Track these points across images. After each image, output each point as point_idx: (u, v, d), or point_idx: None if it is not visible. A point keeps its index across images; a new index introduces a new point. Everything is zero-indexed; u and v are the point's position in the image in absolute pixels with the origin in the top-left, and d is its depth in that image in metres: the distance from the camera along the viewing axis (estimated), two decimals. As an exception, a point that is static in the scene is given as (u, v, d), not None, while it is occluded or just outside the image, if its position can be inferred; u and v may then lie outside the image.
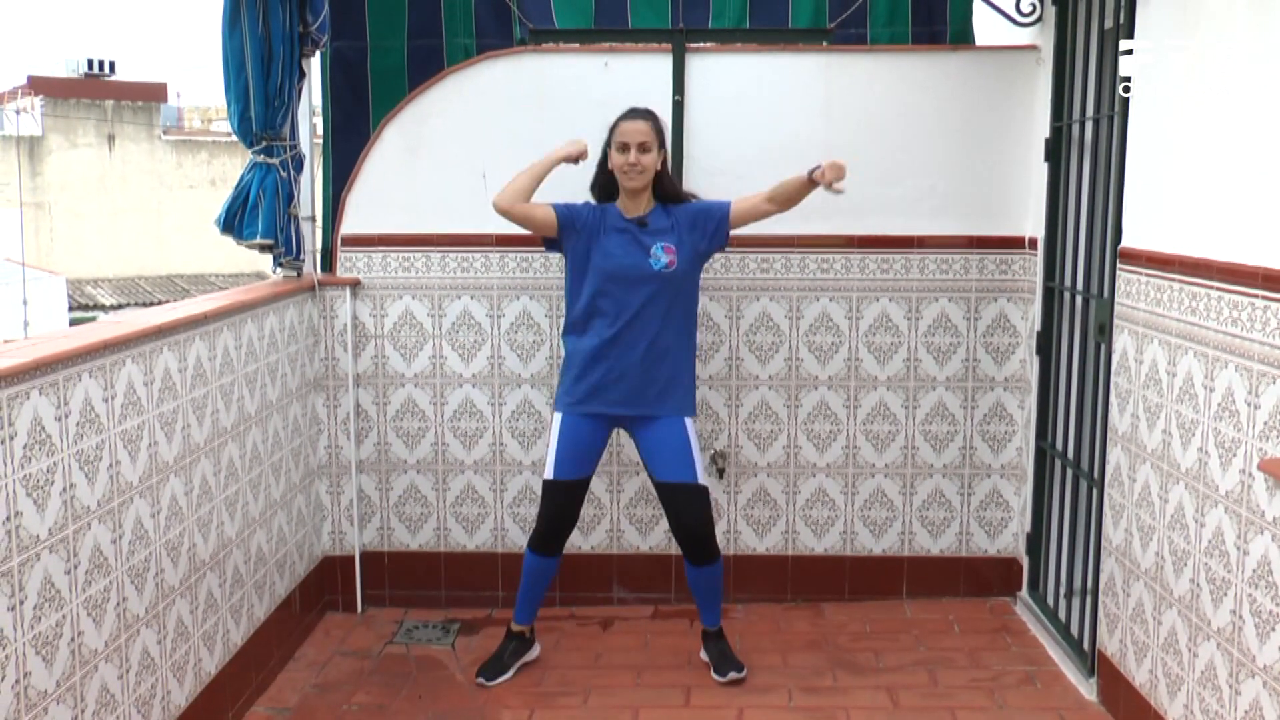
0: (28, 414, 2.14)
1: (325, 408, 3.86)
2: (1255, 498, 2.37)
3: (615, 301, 3.21)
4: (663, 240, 3.23)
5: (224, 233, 3.55)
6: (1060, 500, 3.61)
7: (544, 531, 3.35)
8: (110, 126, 21.72)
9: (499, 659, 3.40)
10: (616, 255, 3.22)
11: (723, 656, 3.39)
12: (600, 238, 3.25)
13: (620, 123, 3.24)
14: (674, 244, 3.23)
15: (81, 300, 19.41)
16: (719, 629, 3.44)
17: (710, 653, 3.42)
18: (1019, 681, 3.33)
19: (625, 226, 3.26)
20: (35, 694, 2.16)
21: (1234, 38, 2.48)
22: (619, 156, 3.22)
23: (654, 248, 3.22)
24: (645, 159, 3.20)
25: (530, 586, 3.42)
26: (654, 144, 3.22)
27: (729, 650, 3.42)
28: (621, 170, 3.22)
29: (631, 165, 3.19)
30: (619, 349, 3.21)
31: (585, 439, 3.29)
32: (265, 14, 3.38)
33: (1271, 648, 2.32)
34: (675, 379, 3.26)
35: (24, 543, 2.13)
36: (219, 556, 3.02)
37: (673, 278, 3.21)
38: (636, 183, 3.22)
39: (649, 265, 3.20)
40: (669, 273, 3.21)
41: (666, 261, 3.21)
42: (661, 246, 3.22)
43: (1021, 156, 3.73)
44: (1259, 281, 2.35)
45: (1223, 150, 2.53)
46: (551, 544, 3.37)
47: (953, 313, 3.82)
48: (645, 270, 3.20)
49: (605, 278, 3.22)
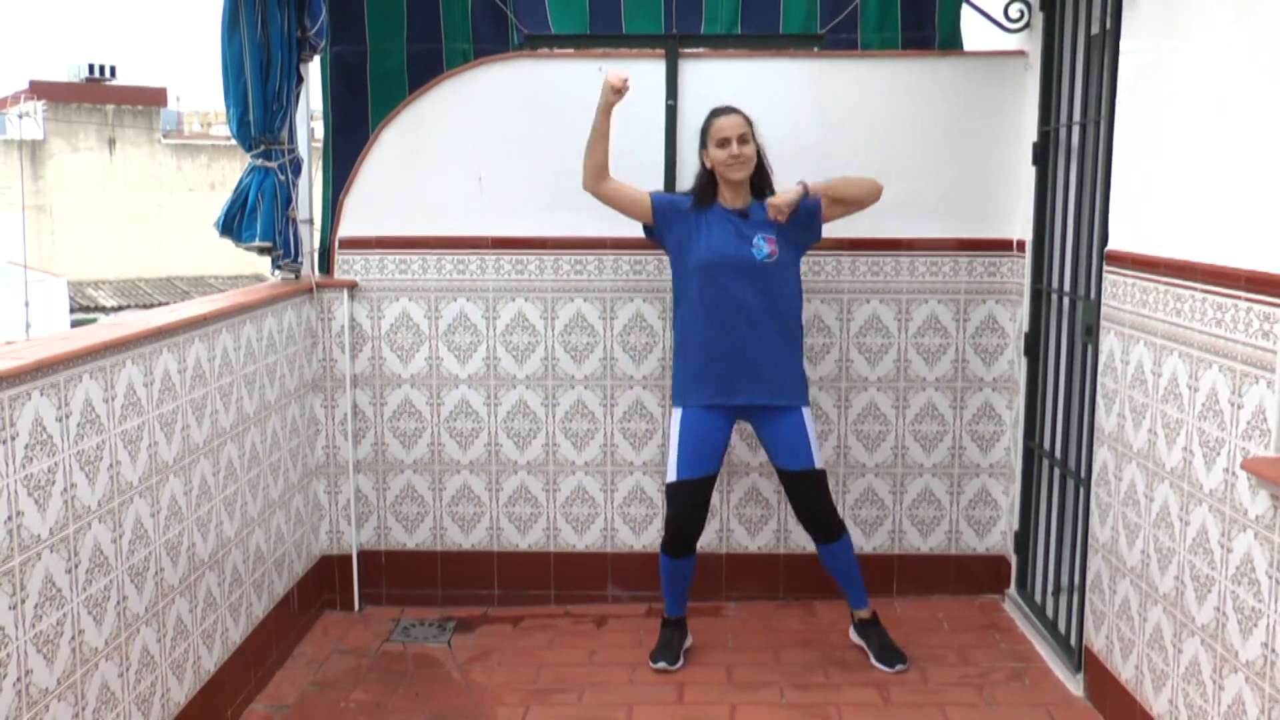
0: (29, 414, 2.17)
1: (323, 408, 3.90)
2: (1238, 496, 2.40)
3: (722, 291, 3.27)
4: (764, 231, 3.29)
5: (223, 235, 3.58)
6: (1048, 499, 3.65)
7: (672, 538, 3.38)
8: (111, 130, 21.76)
9: (669, 645, 3.45)
10: (720, 246, 3.28)
11: (884, 647, 3.42)
12: (704, 229, 3.32)
13: (714, 120, 3.31)
14: (775, 235, 3.28)
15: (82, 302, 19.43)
16: (873, 613, 3.47)
17: (870, 641, 3.45)
18: (1007, 678, 3.37)
19: (727, 217, 3.32)
20: (37, 692, 2.19)
21: (1219, 43, 2.51)
22: (720, 152, 3.28)
23: (756, 238, 3.28)
24: (746, 150, 3.28)
25: (670, 583, 3.47)
26: (750, 135, 3.30)
27: (889, 639, 3.44)
28: (725, 164, 3.28)
29: (734, 157, 3.26)
30: (729, 340, 3.27)
31: (707, 433, 3.33)
32: (264, 19, 3.41)
33: (1254, 643, 2.35)
34: (787, 368, 3.31)
35: (25, 542, 2.15)
36: (218, 556, 3.05)
37: (775, 267, 3.27)
38: (740, 174, 3.29)
39: (751, 255, 3.26)
40: (770, 262, 3.26)
41: (769, 251, 3.27)
42: (763, 237, 3.28)
43: (1010, 160, 3.76)
44: (1242, 283, 2.38)
45: (1208, 154, 2.56)
46: (681, 546, 3.39)
47: (942, 314, 3.86)
48: (748, 260, 3.26)
49: (711, 268, 3.28)
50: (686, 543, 3.38)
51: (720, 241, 3.29)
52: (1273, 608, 2.28)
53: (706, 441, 3.33)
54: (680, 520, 3.35)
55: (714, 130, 3.30)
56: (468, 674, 3.44)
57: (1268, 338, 2.30)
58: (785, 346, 3.32)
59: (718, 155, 3.29)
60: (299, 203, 3.73)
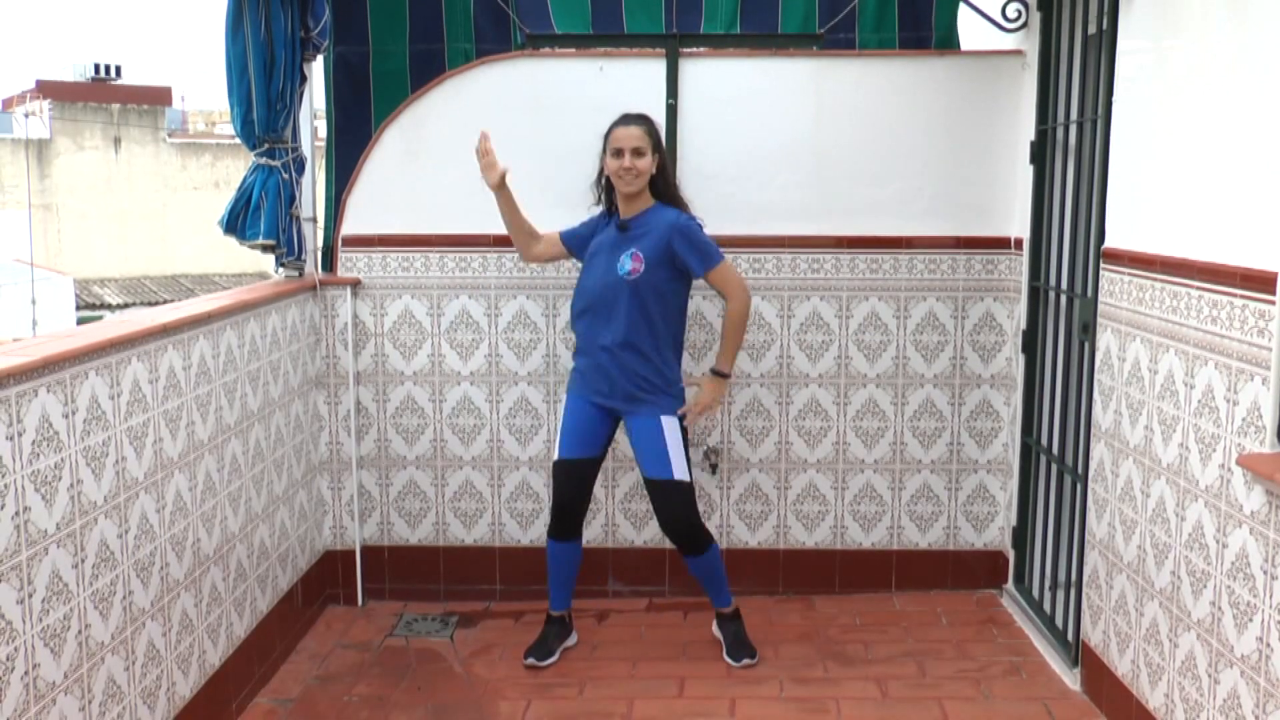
0: (36, 411, 2.19)
1: (326, 405, 3.93)
2: (1234, 492, 2.42)
3: (592, 302, 3.37)
4: (635, 247, 3.32)
5: (227, 233, 3.61)
6: (1045, 495, 3.67)
7: (554, 515, 3.46)
8: (116, 129, 21.81)
9: (545, 642, 3.48)
10: (601, 261, 3.37)
11: (737, 640, 3.46)
12: (598, 244, 3.42)
13: (613, 130, 3.34)
14: (644, 251, 3.31)
15: (88, 300, 19.50)
16: (734, 610, 3.51)
17: (725, 634, 3.49)
18: (1005, 672, 3.39)
19: (613, 231, 3.39)
20: (44, 685, 2.21)
21: (1213, 42, 2.53)
22: (613, 162, 3.31)
23: (623, 255, 3.33)
24: (639, 163, 3.29)
25: (555, 573, 3.51)
26: (648, 148, 3.31)
27: (744, 634, 3.48)
28: (616, 175, 3.32)
29: (626, 169, 3.29)
30: (595, 347, 3.36)
31: (584, 420, 3.41)
32: (267, 19, 3.44)
33: (1249, 638, 2.36)
34: (648, 380, 3.34)
35: (32, 537, 2.17)
36: (223, 551, 3.08)
37: (638, 284, 3.30)
38: (631, 187, 3.32)
39: (615, 271, 3.32)
40: (632, 280, 3.30)
41: (630, 269, 3.31)
42: (630, 254, 3.32)
43: (1007, 159, 3.78)
44: (1237, 281, 2.40)
45: (1204, 153, 2.57)
46: (563, 528, 3.45)
47: (940, 312, 3.88)
48: (612, 275, 3.32)
49: (586, 278, 3.42)
50: (568, 523, 3.44)
51: (602, 256, 3.38)
52: (1268, 602, 2.30)
53: (581, 426, 3.42)
54: (559, 495, 3.44)
55: (611, 140, 3.33)
56: (470, 668, 3.46)
57: (1263, 335, 2.32)
58: (643, 359, 3.32)
59: (611, 165, 3.33)
60: (302, 201, 3.76)
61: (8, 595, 2.10)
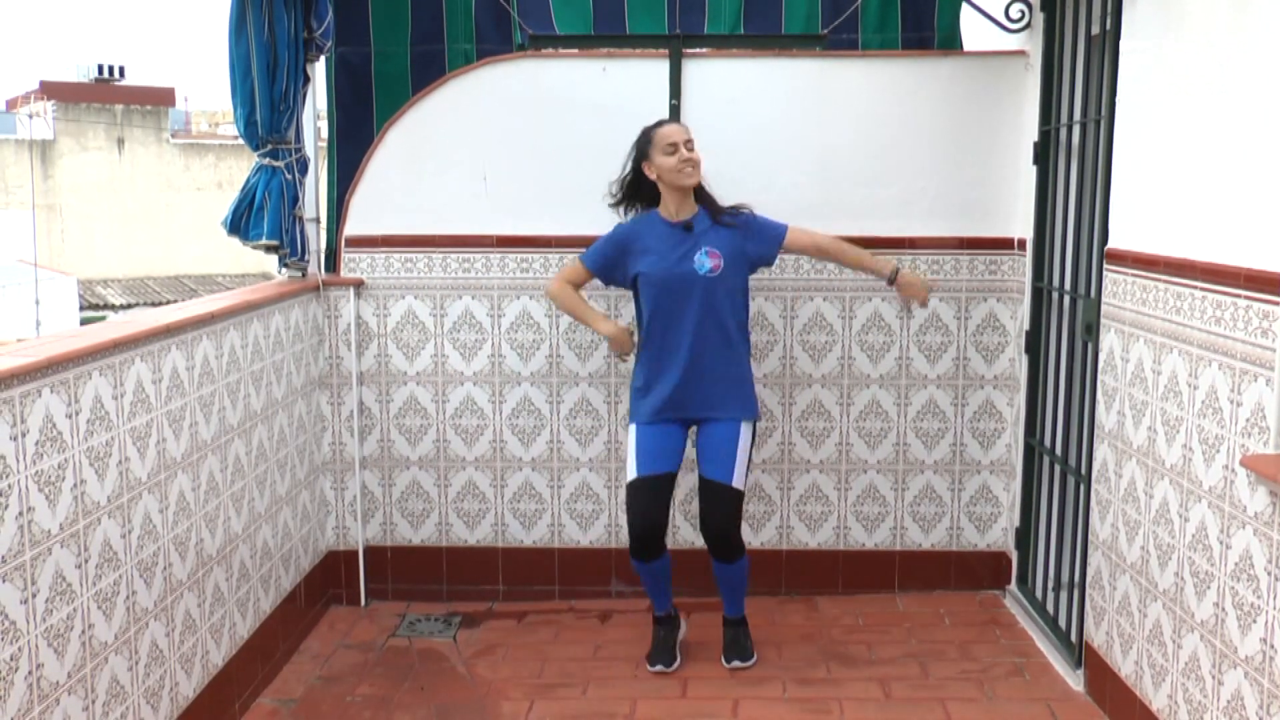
0: (39, 411, 2.19)
1: (329, 405, 3.93)
2: (1237, 493, 2.42)
3: (669, 307, 3.27)
4: (708, 245, 3.28)
5: (230, 234, 3.62)
6: (1048, 496, 3.67)
7: (636, 538, 3.31)
8: (120, 130, 21.86)
9: (664, 645, 3.44)
10: (663, 264, 3.27)
11: (734, 643, 3.45)
12: (646, 250, 3.31)
13: (658, 129, 3.29)
14: (719, 248, 3.27)
15: (92, 300, 19.54)
16: (741, 617, 3.50)
17: (725, 635, 3.49)
18: (1008, 673, 3.39)
19: (670, 232, 3.31)
20: (48, 685, 2.22)
21: (1218, 43, 2.53)
22: (670, 159, 3.25)
23: (698, 254, 3.26)
24: (697, 154, 3.28)
25: (650, 586, 3.44)
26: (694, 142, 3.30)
27: (744, 638, 3.47)
28: (677, 169, 3.25)
29: (686, 161, 3.25)
30: (677, 355, 3.27)
31: (660, 435, 3.31)
32: (270, 20, 3.44)
33: (1253, 639, 2.36)
34: (730, 382, 3.30)
35: (36, 537, 2.18)
36: (226, 551, 3.08)
37: (719, 281, 3.26)
38: (694, 178, 3.28)
39: (694, 270, 3.26)
40: (714, 277, 3.26)
41: (711, 266, 3.26)
42: (706, 251, 3.27)
43: (1011, 160, 3.78)
44: (1241, 281, 2.39)
45: (1207, 153, 2.57)
46: (645, 550, 3.32)
47: (943, 312, 3.88)
48: (690, 275, 3.25)
49: (654, 287, 3.29)
50: (651, 545, 3.32)
51: (663, 259, 3.28)
52: (1271, 604, 2.30)
53: (659, 445, 3.30)
54: (637, 516, 3.30)
55: (659, 138, 3.27)
56: (472, 668, 3.47)
57: (1267, 336, 2.31)
58: (729, 362, 3.30)
59: (667, 163, 3.25)
60: (305, 202, 3.77)
61: (11, 595, 2.10)
